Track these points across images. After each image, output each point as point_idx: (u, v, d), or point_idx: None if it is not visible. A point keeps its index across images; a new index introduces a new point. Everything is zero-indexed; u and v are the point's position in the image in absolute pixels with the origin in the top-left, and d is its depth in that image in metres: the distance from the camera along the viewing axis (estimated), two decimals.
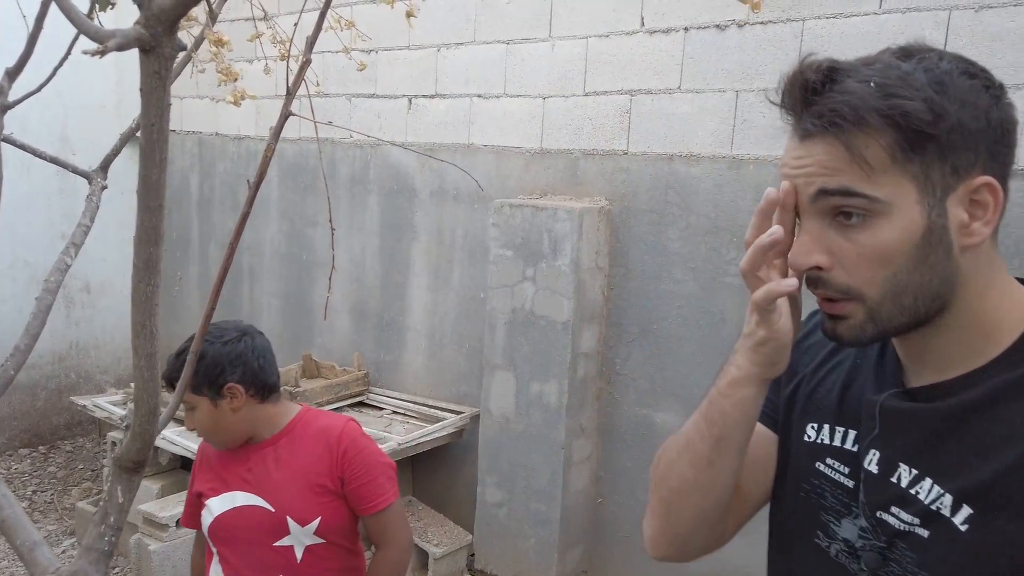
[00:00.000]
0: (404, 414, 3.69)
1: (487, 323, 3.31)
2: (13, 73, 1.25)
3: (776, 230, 0.77)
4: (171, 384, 1.58)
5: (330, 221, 1.49)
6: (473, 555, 3.42)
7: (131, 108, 5.04)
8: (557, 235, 3.04)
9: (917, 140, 0.70)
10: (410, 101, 3.87)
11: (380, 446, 2.42)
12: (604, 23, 3.13)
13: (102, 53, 0.67)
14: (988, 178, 0.71)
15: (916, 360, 0.79)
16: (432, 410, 3.63)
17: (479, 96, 3.59)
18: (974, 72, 0.73)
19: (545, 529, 3.13)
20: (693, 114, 2.91)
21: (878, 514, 0.79)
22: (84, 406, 3.89)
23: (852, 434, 0.83)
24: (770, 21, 2.72)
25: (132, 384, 3.97)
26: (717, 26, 2.84)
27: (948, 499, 0.74)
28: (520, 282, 3.17)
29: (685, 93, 2.94)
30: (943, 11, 2.39)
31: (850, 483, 0.82)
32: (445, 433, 3.45)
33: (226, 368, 1.56)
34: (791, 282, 0.77)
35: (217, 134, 4.87)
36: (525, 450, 3.18)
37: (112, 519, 1.11)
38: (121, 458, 1.12)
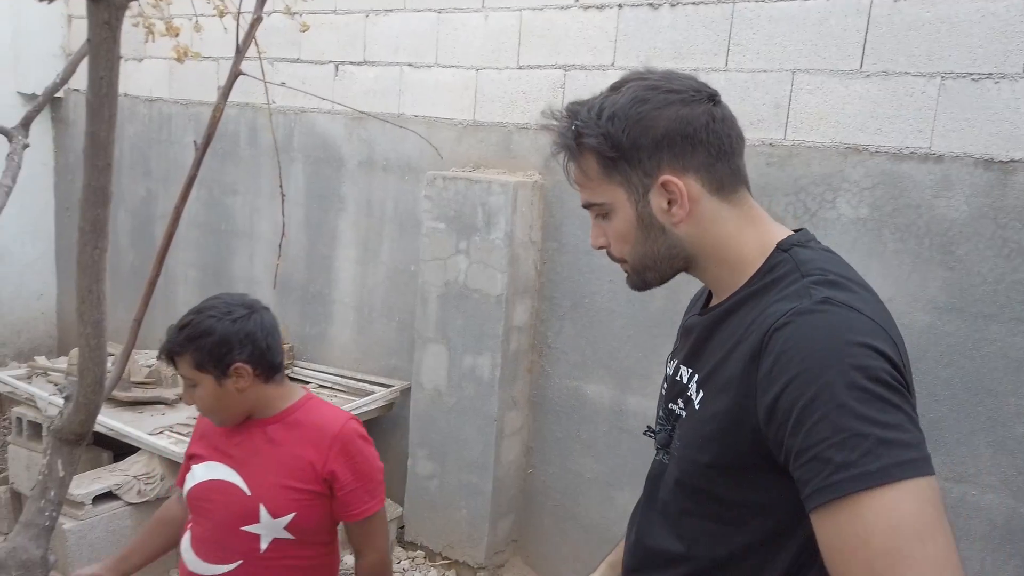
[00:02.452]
0: (331, 388, 3.64)
1: (419, 296, 3.28)
2: None
3: None
4: (171, 359, 1.48)
5: (280, 187, 1.43)
6: (403, 527, 3.42)
7: (28, 66, 4.69)
8: (491, 208, 3.04)
9: (608, 160, 0.96)
10: (337, 68, 3.76)
11: None
12: None
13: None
14: (668, 176, 0.95)
15: (714, 292, 1.04)
16: (360, 384, 3.59)
17: (410, 65, 3.52)
18: (662, 91, 0.95)
19: (477, 500, 3.16)
20: None
21: (669, 406, 1.04)
22: None
23: (672, 363, 1.09)
24: (702, 2, 2.77)
25: (36, 358, 3.75)
26: (650, 4, 2.88)
27: (695, 385, 0.98)
28: (453, 255, 3.16)
29: (618, 70, 2.97)
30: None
31: (663, 393, 1.08)
32: (375, 406, 3.42)
33: (235, 347, 1.46)
34: None
35: (126, 95, 4.60)
36: (457, 423, 3.19)
37: (52, 493, 1.06)
38: (62, 430, 1.06)
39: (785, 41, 2.63)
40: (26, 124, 1.32)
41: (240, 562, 1.49)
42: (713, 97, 0.97)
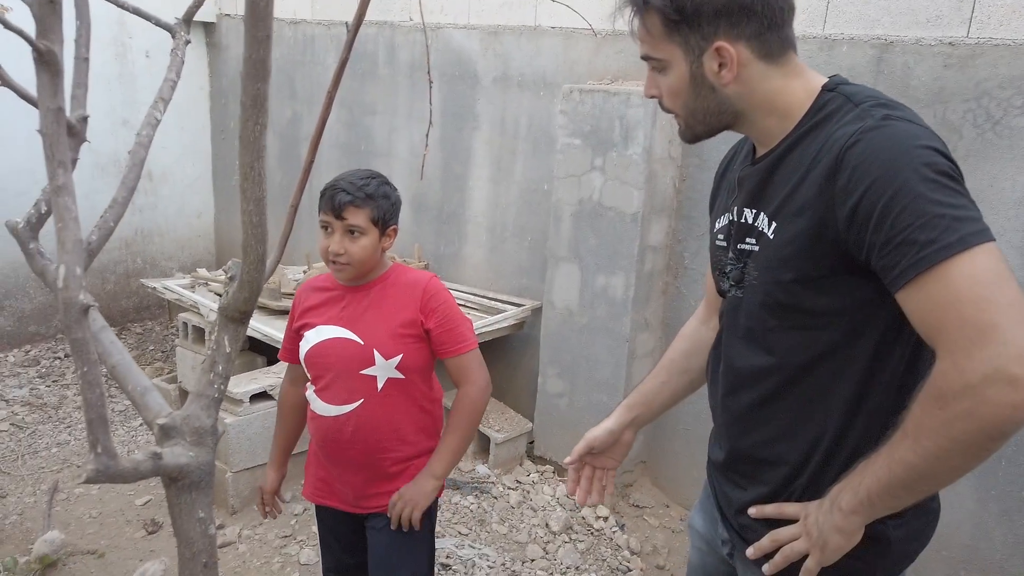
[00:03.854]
0: (465, 305, 3.70)
1: (552, 215, 3.25)
2: None
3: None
4: (343, 209, 1.70)
5: (428, 73, 1.43)
6: (532, 442, 3.49)
7: None
8: (629, 122, 2.92)
9: (671, 21, 1.09)
10: None
11: None
12: None
13: None
14: (722, 43, 1.08)
15: (759, 144, 1.19)
16: (492, 302, 3.64)
17: None
18: None
19: None
20: None
21: (738, 246, 1.19)
22: (154, 288, 3.99)
23: (727, 215, 1.23)
24: None
25: (198, 269, 4.02)
26: None
27: (765, 220, 1.13)
28: (588, 172, 3.08)
29: None
30: None
31: (724, 243, 1.24)
32: (506, 324, 3.46)
33: (397, 213, 1.79)
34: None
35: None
36: (588, 342, 3.17)
37: (220, 367, 1.12)
38: (228, 308, 1.11)
39: None
40: (187, 20, 1.36)
41: (362, 400, 1.77)
42: None
